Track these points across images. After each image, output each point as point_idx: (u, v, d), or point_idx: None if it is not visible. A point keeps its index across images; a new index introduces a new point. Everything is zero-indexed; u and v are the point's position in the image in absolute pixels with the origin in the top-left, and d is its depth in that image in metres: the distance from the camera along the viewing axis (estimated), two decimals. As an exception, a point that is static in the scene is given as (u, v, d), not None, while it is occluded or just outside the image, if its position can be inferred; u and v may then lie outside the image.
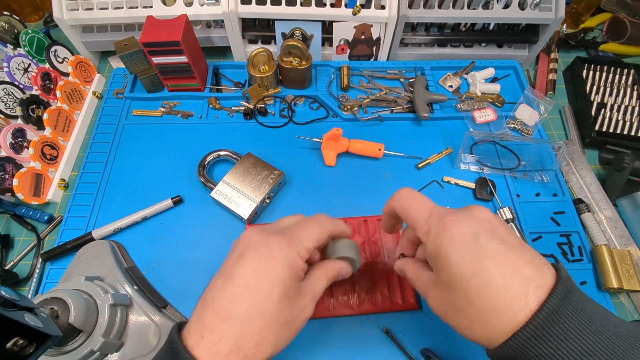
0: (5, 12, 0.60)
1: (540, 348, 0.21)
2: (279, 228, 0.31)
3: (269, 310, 0.26)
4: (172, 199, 0.49)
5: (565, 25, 0.70)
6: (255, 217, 0.48)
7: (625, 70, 0.61)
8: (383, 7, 0.57)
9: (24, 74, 0.55)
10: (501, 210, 0.48)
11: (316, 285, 0.30)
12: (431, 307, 0.28)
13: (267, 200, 0.49)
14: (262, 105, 0.58)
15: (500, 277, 0.23)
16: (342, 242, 0.34)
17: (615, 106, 0.58)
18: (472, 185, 0.52)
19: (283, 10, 0.57)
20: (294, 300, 0.28)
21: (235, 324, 0.25)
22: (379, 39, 0.61)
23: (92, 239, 0.47)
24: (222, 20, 0.59)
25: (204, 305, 0.27)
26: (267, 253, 0.27)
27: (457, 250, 0.24)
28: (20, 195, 0.47)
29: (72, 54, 0.62)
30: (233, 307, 0.26)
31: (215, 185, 0.48)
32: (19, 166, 0.49)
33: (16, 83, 0.53)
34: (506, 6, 0.59)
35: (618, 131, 0.56)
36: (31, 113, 0.52)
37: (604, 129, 0.57)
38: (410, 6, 0.58)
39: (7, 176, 0.47)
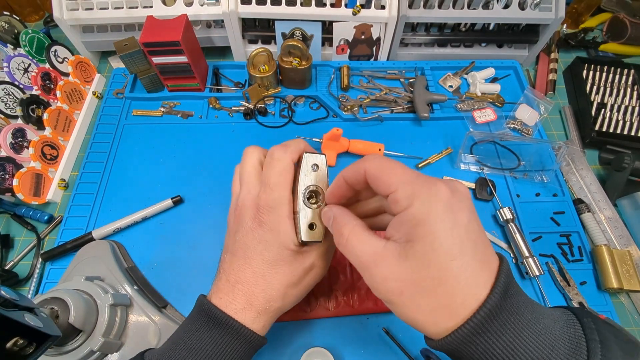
0: (5, 12, 0.60)
1: (493, 329, 0.21)
2: (254, 196, 0.31)
3: (268, 273, 0.30)
4: (172, 199, 0.49)
5: (565, 25, 0.70)
6: None
7: (625, 70, 0.61)
8: (383, 7, 0.57)
9: (24, 74, 0.55)
10: (501, 210, 0.48)
11: (319, 245, 0.32)
12: (376, 280, 0.23)
13: None
14: (262, 105, 0.58)
15: (478, 262, 0.21)
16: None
17: (615, 106, 0.58)
18: (472, 185, 0.52)
19: (283, 10, 0.57)
20: (293, 262, 0.31)
21: (243, 287, 0.30)
22: (379, 39, 0.61)
23: (92, 239, 0.47)
24: (222, 20, 0.59)
25: (219, 275, 0.32)
26: (258, 225, 0.30)
27: (447, 223, 0.21)
28: (20, 195, 0.47)
29: (72, 54, 0.62)
30: (240, 275, 0.30)
31: None
32: (19, 166, 0.49)
33: (16, 83, 0.53)
34: (506, 6, 0.59)
35: (618, 131, 0.56)
36: (31, 113, 0.52)
37: (604, 129, 0.57)
38: (410, 6, 0.58)
39: (7, 176, 0.47)
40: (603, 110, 0.58)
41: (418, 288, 0.22)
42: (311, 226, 0.31)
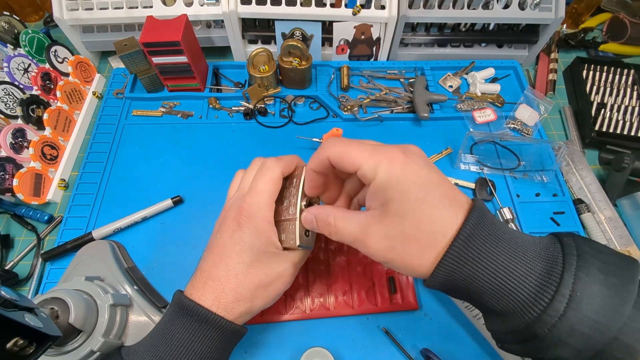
0: (5, 12, 0.60)
1: (476, 245, 0.24)
2: (241, 199, 0.33)
3: (241, 272, 0.31)
4: (172, 199, 0.49)
5: (565, 25, 0.70)
6: None
7: (625, 70, 0.61)
8: (383, 7, 0.57)
9: (24, 74, 0.55)
10: (501, 210, 0.48)
11: (295, 254, 0.34)
12: (370, 246, 0.27)
13: None
14: (262, 105, 0.58)
15: (446, 200, 0.25)
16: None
17: (615, 106, 0.58)
18: (472, 186, 0.52)
19: (283, 10, 0.57)
20: (268, 265, 0.32)
21: (214, 284, 0.31)
22: (379, 39, 0.61)
23: (92, 239, 0.47)
24: (222, 20, 0.59)
25: (195, 272, 0.33)
26: (237, 226, 0.32)
27: (410, 176, 0.25)
28: (20, 195, 0.47)
29: (72, 54, 0.62)
30: (213, 271, 0.32)
31: None
32: (19, 166, 0.49)
33: (16, 83, 0.53)
34: (506, 6, 0.59)
35: (618, 131, 0.56)
36: (31, 113, 0.52)
37: (604, 129, 0.57)
38: (410, 6, 0.58)
39: (7, 176, 0.47)
40: (603, 110, 0.58)
41: (403, 239, 0.25)
42: (306, 233, 0.33)
